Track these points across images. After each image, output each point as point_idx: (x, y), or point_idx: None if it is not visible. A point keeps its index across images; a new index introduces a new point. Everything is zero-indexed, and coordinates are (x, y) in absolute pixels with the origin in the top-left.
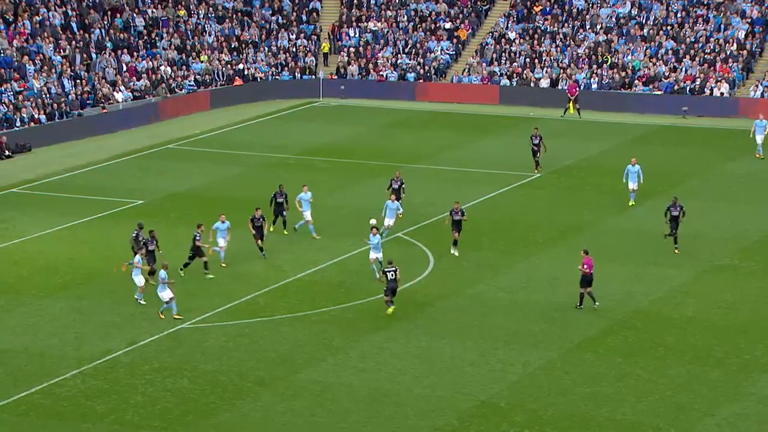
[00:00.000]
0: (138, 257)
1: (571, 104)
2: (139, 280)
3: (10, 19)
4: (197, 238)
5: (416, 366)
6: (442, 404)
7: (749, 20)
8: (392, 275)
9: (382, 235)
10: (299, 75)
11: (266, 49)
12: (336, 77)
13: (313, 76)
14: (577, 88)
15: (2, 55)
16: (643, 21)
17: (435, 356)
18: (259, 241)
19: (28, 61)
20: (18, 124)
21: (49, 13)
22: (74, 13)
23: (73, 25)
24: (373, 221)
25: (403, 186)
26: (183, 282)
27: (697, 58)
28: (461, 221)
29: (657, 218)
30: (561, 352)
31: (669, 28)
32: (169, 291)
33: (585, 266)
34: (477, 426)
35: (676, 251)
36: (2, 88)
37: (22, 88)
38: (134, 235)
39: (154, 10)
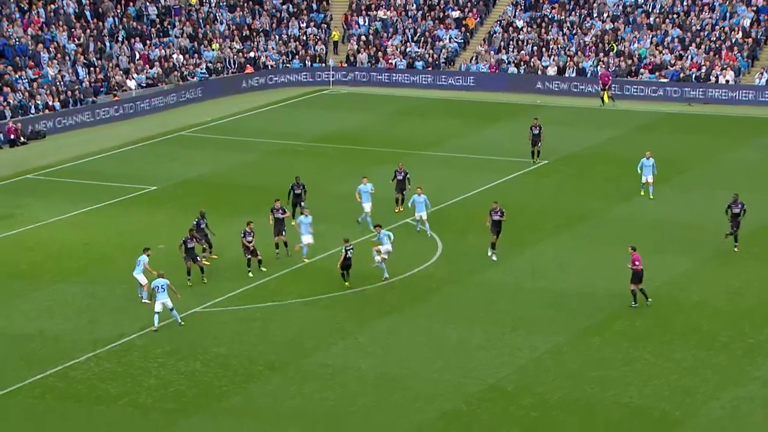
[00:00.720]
0: (145, 257)
1: (605, 93)
2: (142, 278)
3: (25, 8)
4: (245, 236)
5: (424, 350)
6: (450, 388)
7: (755, 8)
8: (350, 253)
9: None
10: (309, 63)
11: (277, 37)
12: (346, 65)
13: (323, 64)
14: (610, 77)
15: (17, 43)
16: (650, 9)
17: (443, 341)
18: (281, 236)
19: (43, 49)
20: (33, 111)
21: (64, 2)
22: (88, 1)
23: (87, 13)
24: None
25: (408, 176)
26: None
27: (702, 46)
28: (501, 222)
29: (662, 205)
30: (568, 337)
31: (675, 16)
32: (170, 300)
33: (636, 263)
34: (485, 409)
35: (736, 250)
36: (17, 76)
37: (36, 76)
38: (195, 222)
39: None
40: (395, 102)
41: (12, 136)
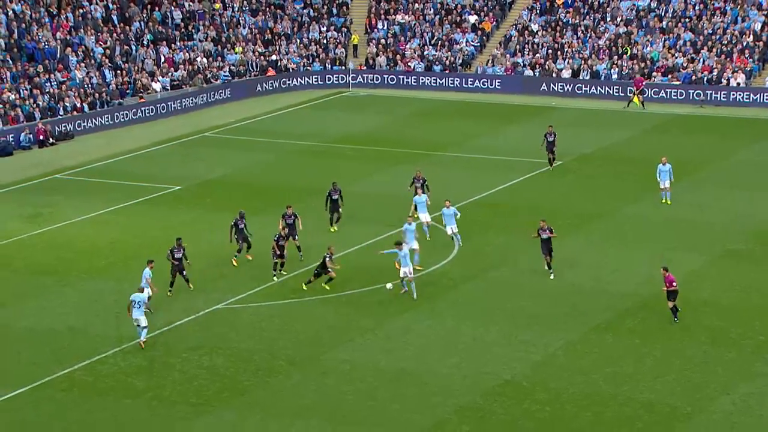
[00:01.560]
0: (148, 270)
1: (636, 97)
2: (147, 291)
3: (54, 12)
4: (279, 240)
5: (441, 346)
6: (466, 383)
7: (766, 12)
8: (323, 259)
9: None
10: (329, 66)
11: (298, 41)
12: (365, 68)
13: (343, 67)
14: (643, 82)
15: (46, 46)
16: (662, 13)
17: (459, 337)
18: (294, 240)
19: (71, 53)
20: (61, 112)
21: (91, 7)
22: (115, 6)
23: (114, 18)
24: (389, 285)
25: (426, 184)
26: (218, 265)
27: (714, 50)
28: (550, 240)
29: (674, 205)
30: (581, 334)
31: (687, 20)
32: (144, 318)
33: (673, 284)
34: (500, 404)
35: None
36: (46, 78)
37: (65, 79)
38: (234, 222)
39: (191, 4)
40: (413, 104)
41: (41, 137)
